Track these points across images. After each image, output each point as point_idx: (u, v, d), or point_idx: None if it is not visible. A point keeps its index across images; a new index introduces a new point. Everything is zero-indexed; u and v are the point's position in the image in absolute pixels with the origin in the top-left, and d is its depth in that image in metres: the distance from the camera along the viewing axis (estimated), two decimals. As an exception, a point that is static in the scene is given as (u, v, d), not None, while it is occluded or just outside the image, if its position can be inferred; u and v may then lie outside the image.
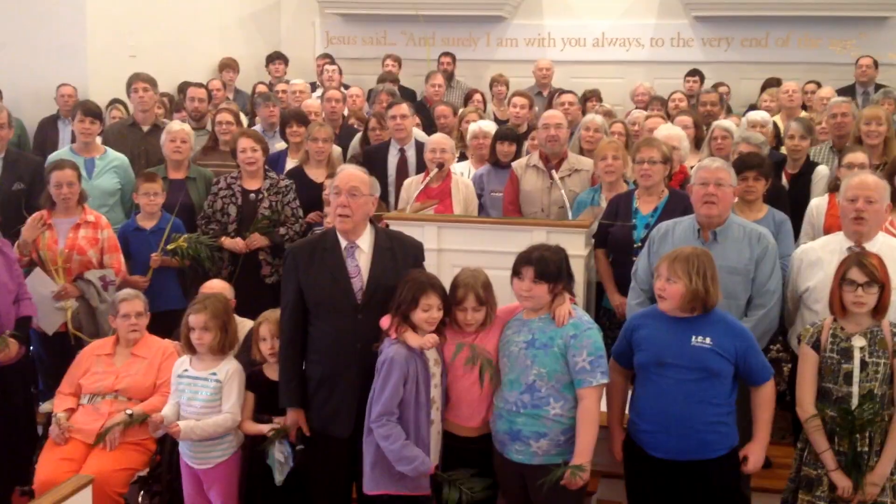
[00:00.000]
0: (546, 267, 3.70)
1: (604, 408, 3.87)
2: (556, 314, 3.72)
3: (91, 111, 6.11)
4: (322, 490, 4.03)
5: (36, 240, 5.18)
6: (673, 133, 5.82)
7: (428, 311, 3.68)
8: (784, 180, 5.92)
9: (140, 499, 4.46)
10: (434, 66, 9.77)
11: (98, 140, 6.23)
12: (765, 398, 3.72)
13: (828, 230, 4.92)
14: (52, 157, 6.02)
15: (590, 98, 8.56)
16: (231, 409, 4.18)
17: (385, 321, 3.78)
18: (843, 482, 3.69)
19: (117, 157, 6.17)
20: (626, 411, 3.91)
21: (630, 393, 3.92)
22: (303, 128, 6.54)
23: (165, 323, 4.98)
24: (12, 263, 4.73)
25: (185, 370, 4.26)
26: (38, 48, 8.26)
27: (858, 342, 3.73)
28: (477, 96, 8.60)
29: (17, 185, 5.83)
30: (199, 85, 7.73)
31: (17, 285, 4.72)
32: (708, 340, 3.61)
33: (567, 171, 5.69)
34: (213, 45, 10.04)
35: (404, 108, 6.50)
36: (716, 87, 8.94)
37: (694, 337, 3.62)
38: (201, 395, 4.18)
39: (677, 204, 4.84)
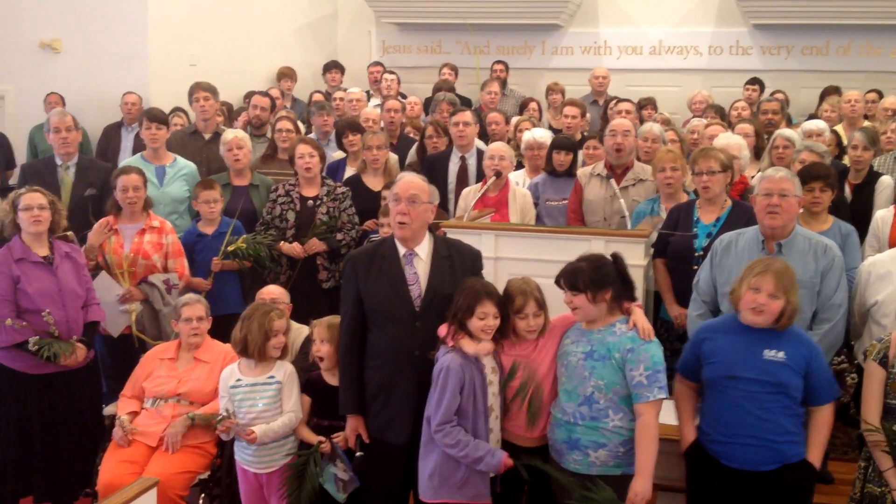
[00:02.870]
0: (573, 278, 3.66)
1: (668, 420, 3.84)
2: (639, 327, 3.66)
3: (156, 117, 6.22)
4: (378, 497, 4.02)
5: (102, 244, 5.30)
6: (733, 142, 5.71)
7: (484, 318, 3.66)
8: (847, 191, 5.81)
9: (201, 501, 4.52)
10: (483, 76, 9.74)
11: (162, 147, 6.36)
12: (823, 419, 3.64)
13: (893, 243, 4.83)
14: (123, 163, 6.15)
15: (645, 106, 8.49)
16: (293, 408, 4.23)
17: (442, 330, 3.77)
18: None
19: (186, 165, 6.27)
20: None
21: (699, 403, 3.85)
22: (358, 136, 6.57)
23: (226, 327, 4.99)
24: (81, 269, 4.86)
25: (239, 380, 4.25)
26: (101, 56, 8.46)
27: None
28: (532, 105, 8.56)
29: (90, 190, 5.96)
30: (263, 93, 7.80)
31: (86, 290, 4.84)
32: (781, 355, 3.54)
33: (632, 181, 5.63)
34: (271, 54, 10.16)
35: (468, 115, 6.50)
36: (773, 95, 8.82)
37: (766, 350, 3.56)
38: (262, 400, 4.21)
39: (740, 215, 4.75)
